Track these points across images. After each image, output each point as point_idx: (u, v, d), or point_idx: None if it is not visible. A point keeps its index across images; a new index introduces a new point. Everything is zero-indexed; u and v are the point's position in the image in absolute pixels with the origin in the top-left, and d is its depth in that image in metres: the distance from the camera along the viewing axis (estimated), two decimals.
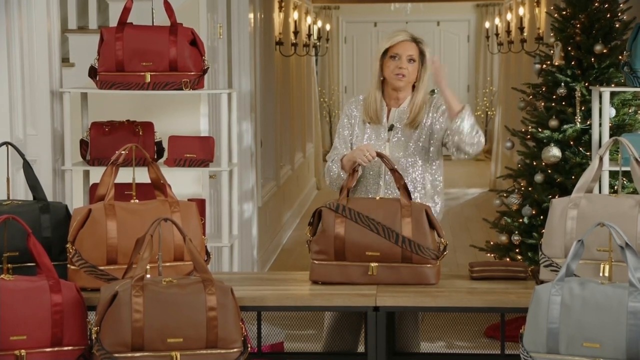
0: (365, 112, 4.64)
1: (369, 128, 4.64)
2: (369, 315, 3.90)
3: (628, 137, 4.84)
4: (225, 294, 3.57)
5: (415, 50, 4.60)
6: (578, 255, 3.39)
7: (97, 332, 3.51)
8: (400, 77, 4.57)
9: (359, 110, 4.67)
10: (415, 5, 17.34)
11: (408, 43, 4.60)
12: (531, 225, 6.86)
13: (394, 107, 4.65)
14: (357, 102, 4.72)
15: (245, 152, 8.12)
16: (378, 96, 4.64)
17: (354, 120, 4.67)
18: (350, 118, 4.68)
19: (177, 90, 5.16)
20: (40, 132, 5.25)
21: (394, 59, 4.58)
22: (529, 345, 3.40)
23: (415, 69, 4.59)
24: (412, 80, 4.61)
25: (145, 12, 5.59)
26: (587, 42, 6.75)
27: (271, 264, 9.54)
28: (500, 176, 8.10)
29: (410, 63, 4.58)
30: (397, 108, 4.64)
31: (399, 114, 4.63)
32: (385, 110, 4.65)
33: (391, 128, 4.62)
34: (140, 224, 3.81)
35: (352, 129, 4.67)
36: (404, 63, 4.57)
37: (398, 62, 4.57)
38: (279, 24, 10.98)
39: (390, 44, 4.60)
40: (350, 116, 4.69)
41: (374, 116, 4.62)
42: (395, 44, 4.59)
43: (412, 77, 4.60)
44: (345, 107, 4.74)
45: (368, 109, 4.63)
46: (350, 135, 4.67)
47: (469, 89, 18.81)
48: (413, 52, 4.59)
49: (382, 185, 4.58)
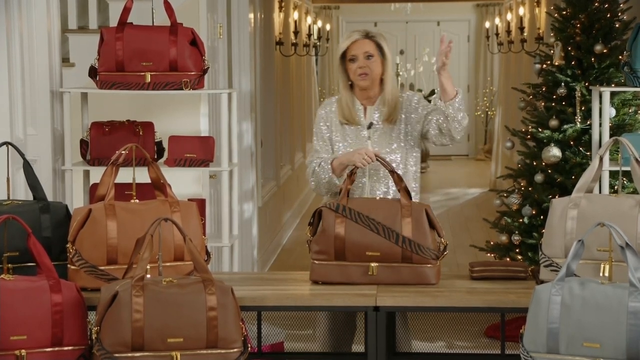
0: (340, 114, 4.63)
1: (347, 129, 4.63)
2: (369, 315, 3.90)
3: (628, 137, 4.84)
4: (226, 293, 3.57)
5: (371, 46, 4.57)
6: (578, 255, 3.39)
7: (97, 332, 3.51)
8: (363, 76, 4.56)
9: (334, 112, 4.66)
10: (415, 5, 17.35)
11: (362, 41, 4.57)
12: (531, 225, 6.85)
13: (369, 106, 4.64)
14: (331, 103, 4.69)
15: (246, 152, 8.12)
16: (349, 97, 4.62)
17: (330, 122, 4.65)
18: (327, 120, 4.66)
19: (177, 90, 5.16)
20: (40, 132, 5.25)
21: (353, 61, 4.57)
22: (529, 345, 3.40)
23: (377, 64, 4.57)
24: (377, 77, 4.59)
25: (145, 12, 5.60)
26: (587, 42, 6.75)
27: (271, 264, 9.54)
28: (501, 176, 8.10)
29: (369, 60, 4.56)
30: (372, 106, 4.63)
31: (373, 112, 4.63)
32: (362, 110, 4.64)
33: (370, 126, 4.61)
34: (141, 224, 3.81)
35: (330, 131, 4.65)
36: (362, 62, 4.55)
37: (358, 63, 4.56)
38: (279, 24, 10.98)
39: (346, 47, 4.58)
40: (326, 118, 4.66)
41: (350, 117, 4.61)
42: (350, 45, 4.57)
43: (376, 73, 4.58)
44: (319, 110, 4.70)
45: (343, 111, 4.62)
46: (329, 138, 4.65)
47: (469, 88, 18.81)
48: (369, 48, 4.56)
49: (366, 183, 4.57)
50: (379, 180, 4.56)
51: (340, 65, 4.62)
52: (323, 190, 4.58)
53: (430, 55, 18.39)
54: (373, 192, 4.56)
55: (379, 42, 4.58)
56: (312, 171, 4.60)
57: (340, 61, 4.61)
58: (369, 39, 4.58)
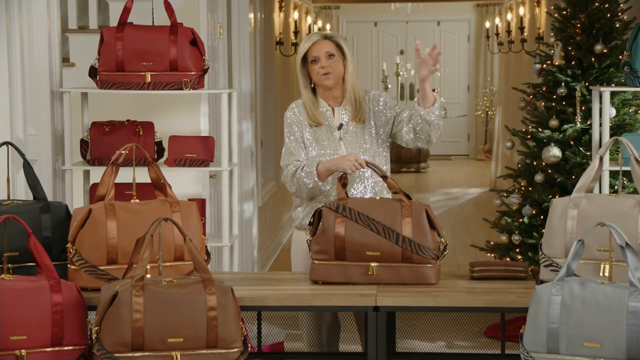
0: (308, 117, 4.63)
1: (318, 131, 4.62)
2: (369, 315, 3.90)
3: (628, 137, 4.84)
4: (226, 293, 3.57)
5: (331, 46, 4.59)
6: (578, 255, 3.39)
7: (97, 332, 3.51)
8: (327, 75, 4.57)
9: (302, 114, 4.65)
10: (416, 5, 17.36)
11: (321, 42, 4.60)
12: (531, 225, 6.86)
13: (336, 107, 4.65)
14: (298, 106, 4.68)
15: (246, 152, 8.12)
16: (311, 99, 4.63)
17: (300, 124, 4.64)
18: (297, 123, 4.64)
19: (178, 90, 5.16)
20: (40, 132, 5.25)
21: (315, 62, 4.59)
22: (529, 345, 3.41)
23: (338, 63, 4.59)
24: (340, 75, 4.60)
25: (145, 12, 5.60)
26: (588, 41, 6.75)
27: (271, 264, 9.53)
28: (501, 176, 8.10)
29: (330, 59, 4.58)
30: (339, 106, 4.64)
31: (341, 113, 4.63)
32: (330, 111, 4.64)
33: (340, 127, 4.61)
34: (141, 224, 3.81)
35: (302, 133, 4.64)
36: (324, 62, 4.57)
37: (320, 63, 4.58)
38: (279, 24, 10.98)
39: (306, 49, 4.60)
40: (297, 121, 4.64)
41: (315, 119, 4.61)
42: (310, 47, 4.59)
43: (339, 71, 4.60)
44: (287, 113, 4.68)
45: (308, 112, 4.63)
46: (302, 139, 4.63)
47: (469, 88, 18.81)
48: (329, 48, 4.58)
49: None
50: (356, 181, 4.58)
51: (301, 68, 4.63)
52: (304, 195, 4.56)
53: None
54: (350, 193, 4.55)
55: (338, 42, 4.62)
56: (292, 174, 4.56)
57: (301, 64, 4.63)
58: (328, 39, 4.61)
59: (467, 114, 18.70)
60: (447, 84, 18.71)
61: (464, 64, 18.81)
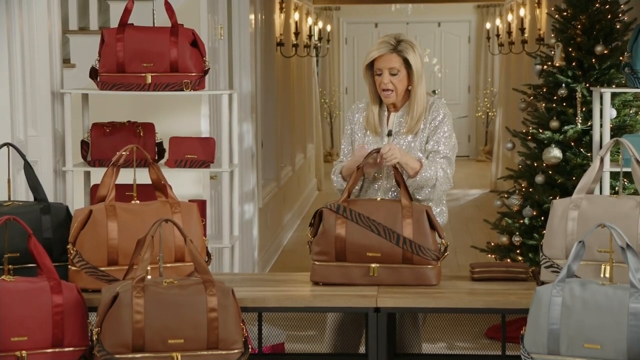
0: (365, 121, 4.60)
1: (369, 134, 4.59)
2: (369, 317, 3.90)
3: (629, 138, 4.84)
4: (226, 295, 3.57)
5: (397, 61, 4.45)
6: (579, 256, 3.39)
7: (97, 333, 3.51)
8: (387, 93, 4.47)
9: (360, 116, 4.61)
10: (416, 6, 17.36)
11: (388, 55, 4.45)
12: (532, 226, 6.86)
13: (393, 112, 4.57)
14: (357, 108, 4.63)
15: (246, 153, 8.12)
16: (376, 110, 4.56)
17: (355, 125, 4.62)
18: (352, 124, 4.61)
19: (178, 91, 5.16)
20: (41, 133, 5.25)
21: (379, 75, 4.48)
22: (530, 346, 3.41)
23: (402, 80, 4.47)
24: (401, 92, 4.49)
25: (146, 13, 5.60)
26: (588, 43, 6.75)
27: (272, 265, 9.53)
28: (501, 177, 8.10)
29: (393, 76, 4.45)
30: (397, 113, 4.56)
31: (397, 119, 4.55)
32: (386, 115, 4.59)
33: (389, 134, 4.53)
34: (141, 225, 3.81)
35: (354, 133, 4.62)
36: (386, 78, 4.45)
37: (382, 78, 4.46)
38: (279, 25, 10.98)
39: (372, 59, 4.48)
40: (352, 121, 4.61)
41: (373, 128, 4.54)
42: (376, 58, 4.47)
43: (401, 89, 4.48)
44: (348, 114, 4.66)
45: (368, 120, 4.57)
46: (352, 140, 4.61)
47: (470, 89, 18.82)
48: (395, 64, 4.45)
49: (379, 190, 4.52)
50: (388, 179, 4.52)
51: (366, 72, 4.52)
52: None
53: (431, 56, 18.39)
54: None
55: (406, 57, 4.45)
56: (333, 173, 4.59)
57: (367, 69, 4.51)
58: (396, 52, 4.46)
59: (468, 115, 18.71)
60: (447, 85, 18.72)
61: (464, 65, 18.81)
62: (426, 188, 4.39)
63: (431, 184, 4.39)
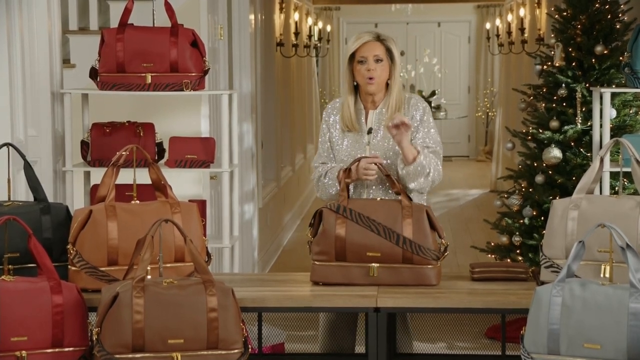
0: (342, 121, 4.57)
1: (347, 133, 4.58)
2: (369, 317, 3.90)
3: (629, 138, 4.84)
4: (226, 295, 3.57)
5: (381, 49, 4.49)
6: (579, 256, 3.39)
7: (97, 333, 3.51)
8: (371, 81, 4.48)
9: (337, 115, 4.60)
10: (416, 6, 17.35)
11: (372, 43, 4.50)
12: (532, 226, 6.85)
13: (371, 110, 4.56)
14: (334, 107, 4.63)
15: (246, 153, 8.12)
16: (352, 104, 4.54)
17: (332, 126, 4.59)
18: (329, 124, 4.60)
19: (178, 92, 5.16)
20: (41, 133, 5.25)
21: (362, 63, 4.49)
22: (530, 346, 3.41)
23: (384, 68, 4.50)
24: (383, 81, 4.51)
25: (146, 13, 5.60)
26: (588, 43, 6.75)
27: (272, 265, 9.53)
28: (501, 177, 8.10)
29: (377, 63, 4.48)
30: (375, 110, 4.55)
31: (377, 116, 4.54)
32: (364, 114, 4.58)
33: (369, 131, 4.52)
34: (141, 225, 3.81)
35: (331, 134, 4.59)
36: (371, 65, 4.48)
37: (367, 65, 4.48)
38: (279, 25, 10.98)
39: (356, 47, 4.50)
40: (328, 122, 4.59)
41: (350, 124, 4.53)
42: (360, 47, 4.50)
43: (383, 78, 4.50)
44: (323, 114, 4.64)
45: (344, 118, 4.55)
46: (329, 140, 4.58)
47: (470, 90, 18.81)
48: (379, 52, 4.49)
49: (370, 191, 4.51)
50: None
51: (347, 65, 4.55)
52: (326, 199, 4.53)
53: (430, 56, 18.39)
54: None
55: (389, 46, 4.52)
56: (318, 179, 4.53)
57: (348, 62, 4.55)
58: (380, 41, 4.51)
59: (468, 115, 18.70)
60: (447, 85, 18.71)
61: (464, 65, 18.81)
62: (421, 177, 4.39)
63: (426, 172, 4.40)
